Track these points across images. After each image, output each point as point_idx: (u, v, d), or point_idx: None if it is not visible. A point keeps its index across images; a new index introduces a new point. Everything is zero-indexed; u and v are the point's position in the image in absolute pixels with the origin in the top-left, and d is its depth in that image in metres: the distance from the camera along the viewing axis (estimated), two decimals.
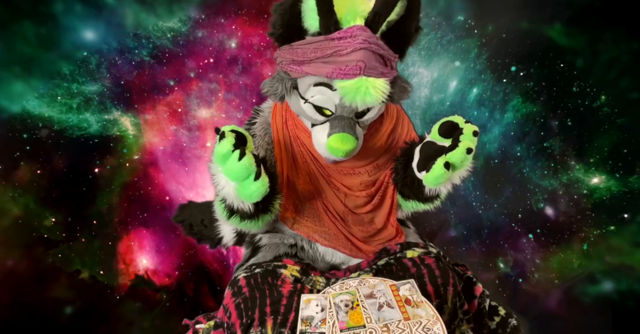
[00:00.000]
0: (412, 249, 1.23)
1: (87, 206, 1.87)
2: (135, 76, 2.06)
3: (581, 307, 1.78)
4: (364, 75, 0.94)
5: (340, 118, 1.01)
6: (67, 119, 1.74)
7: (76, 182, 1.84)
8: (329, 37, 0.96)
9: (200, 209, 1.58)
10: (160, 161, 2.50)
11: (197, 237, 1.60)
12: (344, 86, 0.95)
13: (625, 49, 1.48)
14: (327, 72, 0.96)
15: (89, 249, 1.91)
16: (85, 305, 1.75)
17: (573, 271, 1.81)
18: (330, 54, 0.95)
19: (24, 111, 1.57)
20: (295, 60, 1.01)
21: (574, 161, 1.69)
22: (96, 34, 1.75)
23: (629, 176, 1.61)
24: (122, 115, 1.98)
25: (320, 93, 1.01)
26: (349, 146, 0.99)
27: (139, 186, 2.27)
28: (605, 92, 1.56)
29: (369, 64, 0.94)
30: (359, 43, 0.93)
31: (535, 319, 1.96)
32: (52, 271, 1.75)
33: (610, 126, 1.58)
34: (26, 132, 1.59)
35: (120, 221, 2.14)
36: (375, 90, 0.94)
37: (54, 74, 1.68)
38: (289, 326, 0.97)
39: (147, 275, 2.29)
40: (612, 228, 1.69)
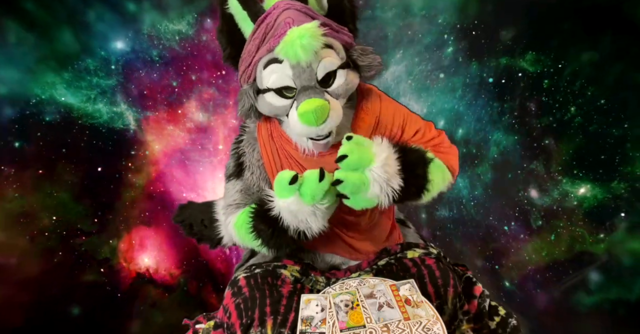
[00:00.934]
0: (412, 250, 1.23)
1: (114, 201, 2.16)
2: (143, 75, 2.25)
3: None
4: (293, 26, 0.94)
5: (303, 90, 0.99)
6: (84, 107, 2.04)
7: (105, 180, 2.12)
8: (258, 22, 0.99)
9: (200, 210, 1.58)
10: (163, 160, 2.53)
11: (197, 237, 1.59)
12: (281, 46, 0.94)
13: (586, 61, 1.62)
14: (267, 48, 0.98)
15: (117, 240, 2.18)
16: (113, 288, 2.05)
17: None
18: (264, 33, 0.98)
19: (51, 97, 1.89)
20: (247, 64, 1.03)
21: (560, 176, 1.81)
22: (117, 36, 2.08)
23: (610, 182, 1.72)
24: (127, 109, 2.20)
25: (272, 72, 0.99)
26: (315, 103, 0.95)
27: (134, 182, 2.34)
28: (573, 104, 1.70)
29: (297, 18, 0.95)
30: (282, 8, 0.96)
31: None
32: (85, 257, 2.03)
33: (584, 135, 1.71)
34: (49, 115, 1.89)
35: (138, 216, 2.34)
36: (308, 31, 0.92)
37: (81, 69, 2.01)
38: (289, 326, 0.97)
39: (148, 273, 2.41)
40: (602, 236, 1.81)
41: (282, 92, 1.01)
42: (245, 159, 1.22)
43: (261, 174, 1.20)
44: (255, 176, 1.21)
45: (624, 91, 1.60)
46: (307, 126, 0.97)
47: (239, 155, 1.24)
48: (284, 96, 1.02)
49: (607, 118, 1.67)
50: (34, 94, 1.84)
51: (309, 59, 0.95)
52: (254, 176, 1.21)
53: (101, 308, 2.05)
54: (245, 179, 1.21)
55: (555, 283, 1.95)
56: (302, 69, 0.96)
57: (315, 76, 0.98)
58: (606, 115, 1.67)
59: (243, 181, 1.22)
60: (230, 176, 1.24)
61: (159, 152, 2.47)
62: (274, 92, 1.01)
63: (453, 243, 2.31)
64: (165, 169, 2.51)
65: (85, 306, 1.94)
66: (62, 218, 2.01)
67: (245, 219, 1.08)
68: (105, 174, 2.22)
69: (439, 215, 2.21)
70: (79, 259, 2.00)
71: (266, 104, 1.05)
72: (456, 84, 1.99)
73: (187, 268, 2.56)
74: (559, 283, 2.01)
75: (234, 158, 1.25)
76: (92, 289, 2.06)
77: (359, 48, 1.05)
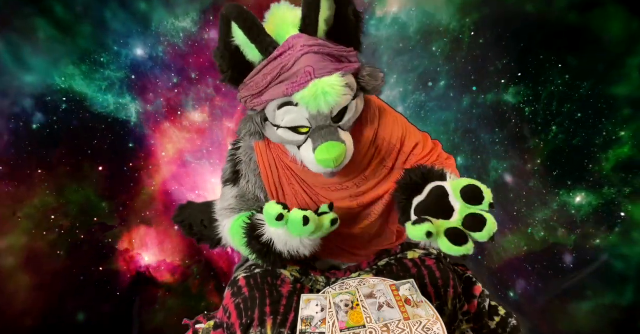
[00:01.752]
0: (413, 250, 1.23)
1: (134, 197, 2.38)
2: (148, 69, 2.42)
3: None
4: (315, 79, 0.91)
5: (318, 129, 0.98)
6: (96, 97, 2.25)
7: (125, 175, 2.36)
8: (270, 58, 0.95)
9: (200, 210, 1.58)
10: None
11: (197, 237, 1.59)
12: (302, 96, 0.92)
13: (559, 83, 1.84)
14: (282, 91, 0.94)
15: (137, 232, 2.39)
16: (133, 276, 2.28)
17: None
18: (278, 73, 0.94)
19: (69, 87, 2.15)
20: (253, 94, 1.00)
21: (557, 189, 2.00)
22: (128, 33, 2.31)
23: (601, 189, 1.91)
24: (131, 102, 2.39)
25: (287, 114, 0.98)
26: (335, 152, 0.96)
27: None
28: (554, 123, 1.91)
29: (317, 66, 0.92)
30: (299, 50, 0.92)
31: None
32: (109, 249, 2.25)
33: (570, 149, 1.91)
34: (66, 103, 2.15)
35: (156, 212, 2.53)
36: (332, 87, 0.91)
37: (97, 62, 2.23)
38: (289, 326, 0.97)
39: (149, 270, 2.52)
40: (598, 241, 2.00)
41: (296, 129, 1.01)
42: (241, 167, 1.22)
43: (257, 182, 1.20)
44: (251, 184, 1.21)
45: (597, 102, 1.81)
46: (324, 168, 0.99)
47: (236, 162, 1.24)
48: (298, 132, 1.01)
49: (587, 130, 1.88)
50: (55, 83, 2.12)
51: (331, 109, 0.96)
52: (250, 184, 1.21)
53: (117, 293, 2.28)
54: (242, 187, 1.22)
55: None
56: (320, 114, 0.96)
57: (330, 115, 0.98)
58: (585, 127, 1.88)
59: (239, 188, 1.22)
60: (227, 181, 1.24)
61: (154, 145, 2.56)
62: (288, 129, 1.01)
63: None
64: (163, 165, 2.55)
65: (108, 288, 2.23)
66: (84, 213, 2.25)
67: (239, 232, 1.08)
68: (103, 165, 2.35)
69: None
70: (102, 249, 2.23)
71: (276, 136, 1.05)
72: (449, 117, 2.20)
73: (190, 267, 2.63)
74: (556, 286, 2.14)
75: (230, 164, 1.24)
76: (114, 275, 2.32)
77: (366, 74, 1.02)
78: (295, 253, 1.02)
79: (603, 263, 2.14)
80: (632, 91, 1.74)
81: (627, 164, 1.82)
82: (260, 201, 1.22)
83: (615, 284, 1.99)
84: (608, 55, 1.76)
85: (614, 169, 1.89)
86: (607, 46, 1.75)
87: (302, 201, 1.19)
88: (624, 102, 1.75)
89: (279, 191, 1.19)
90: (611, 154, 1.84)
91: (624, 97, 1.75)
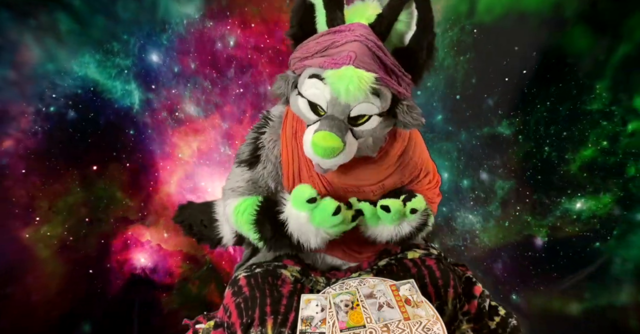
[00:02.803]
0: (413, 250, 1.23)
1: (154, 194, 2.59)
2: (152, 57, 2.56)
3: None
4: (352, 65, 0.90)
5: (330, 118, 0.97)
6: (106, 83, 2.42)
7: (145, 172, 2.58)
8: (330, 30, 0.96)
9: (200, 210, 1.58)
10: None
11: (197, 237, 1.59)
12: (331, 74, 0.91)
13: (543, 109, 2.19)
14: (320, 62, 0.95)
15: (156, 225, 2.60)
16: (154, 265, 2.51)
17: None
18: (327, 46, 0.95)
19: (85, 75, 2.33)
20: (300, 56, 1.00)
21: (558, 198, 2.26)
22: (137, 22, 2.47)
23: (598, 195, 2.19)
24: (136, 88, 2.53)
25: (313, 86, 0.97)
26: (330, 143, 0.94)
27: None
28: (545, 144, 2.24)
29: (360, 57, 0.91)
30: (356, 35, 0.92)
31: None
32: (131, 240, 2.48)
33: (564, 163, 2.20)
34: (80, 89, 2.33)
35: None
36: (359, 80, 0.89)
37: (109, 50, 2.39)
38: (289, 326, 0.97)
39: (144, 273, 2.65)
40: (597, 244, 2.23)
41: (315, 106, 1.00)
42: (263, 152, 1.20)
43: (272, 171, 1.19)
44: (267, 171, 1.19)
45: (577, 120, 2.13)
46: (314, 153, 0.97)
47: (257, 146, 1.21)
48: (315, 110, 1.00)
49: (574, 145, 2.16)
50: (74, 71, 2.30)
51: (348, 101, 0.94)
52: (265, 172, 1.19)
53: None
54: (256, 172, 1.20)
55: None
56: (339, 102, 0.95)
57: (349, 113, 0.96)
58: (573, 143, 2.17)
59: (254, 173, 1.20)
60: (242, 162, 1.21)
61: (151, 134, 2.65)
62: (307, 102, 1.00)
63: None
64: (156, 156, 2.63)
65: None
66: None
67: (250, 210, 1.09)
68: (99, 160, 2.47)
69: (450, 244, 2.58)
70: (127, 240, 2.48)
71: (295, 104, 1.04)
72: (450, 147, 2.45)
73: (190, 266, 2.72)
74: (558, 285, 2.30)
75: (251, 146, 1.22)
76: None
77: (406, 104, 1.00)
78: (303, 241, 1.04)
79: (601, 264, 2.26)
80: (603, 106, 2.09)
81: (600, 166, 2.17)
82: (269, 190, 1.20)
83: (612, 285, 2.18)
84: (580, 80, 2.09)
85: (604, 177, 2.18)
86: (578, 72, 2.08)
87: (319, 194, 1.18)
88: (598, 115, 2.09)
89: (296, 183, 1.17)
90: (600, 162, 2.16)
91: (597, 111, 2.09)
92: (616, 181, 2.15)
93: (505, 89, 2.22)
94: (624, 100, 2.02)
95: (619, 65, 2.00)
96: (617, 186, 2.15)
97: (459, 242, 2.53)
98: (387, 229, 1.13)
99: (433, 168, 1.29)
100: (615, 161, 2.06)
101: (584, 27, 2.00)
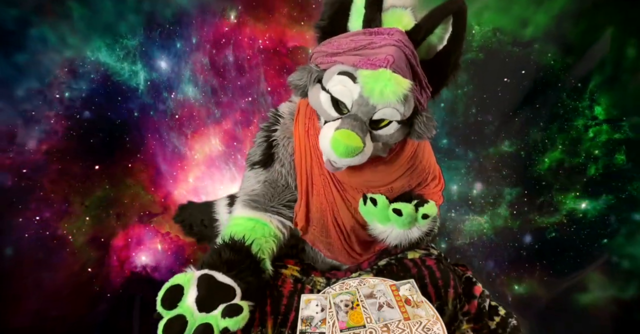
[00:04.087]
0: (413, 250, 1.23)
1: (173, 190, 2.74)
2: (155, 36, 2.59)
3: None
4: (389, 69, 0.90)
5: (353, 117, 0.96)
6: (115, 66, 2.47)
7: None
8: (367, 30, 0.96)
9: (200, 210, 1.58)
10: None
11: (197, 237, 1.60)
12: (366, 74, 0.91)
13: (537, 129, 2.51)
14: (354, 61, 0.94)
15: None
16: (173, 253, 2.68)
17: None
18: (364, 46, 0.94)
19: (96, 58, 2.40)
20: (329, 52, 1.00)
21: (564, 200, 2.50)
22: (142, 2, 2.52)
23: (600, 196, 2.41)
24: (142, 68, 2.58)
25: (341, 83, 0.96)
26: (352, 142, 0.93)
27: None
28: (545, 156, 2.51)
29: (397, 62, 0.91)
30: (395, 40, 0.92)
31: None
32: (152, 232, 2.66)
33: (563, 171, 2.48)
34: (93, 73, 2.39)
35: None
36: (396, 85, 0.90)
37: (118, 32, 2.45)
38: (289, 326, 0.97)
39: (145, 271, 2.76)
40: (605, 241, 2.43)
41: (338, 104, 0.99)
42: (277, 150, 1.18)
43: (291, 168, 1.18)
44: (285, 169, 1.18)
45: (568, 134, 2.44)
46: (331, 150, 0.96)
47: (270, 144, 1.19)
48: (336, 106, 1.00)
49: (569, 155, 2.46)
50: (86, 56, 2.37)
51: (379, 103, 0.94)
52: (284, 169, 1.18)
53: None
54: (274, 171, 1.18)
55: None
56: (367, 103, 0.94)
57: (372, 115, 0.97)
58: (569, 153, 2.45)
59: (270, 173, 1.19)
60: (255, 164, 1.20)
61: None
62: (330, 98, 0.99)
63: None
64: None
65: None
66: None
67: (227, 232, 1.10)
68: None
69: (459, 244, 2.75)
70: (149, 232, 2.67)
71: (316, 98, 1.02)
72: (459, 164, 2.67)
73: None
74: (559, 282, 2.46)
75: (262, 146, 1.20)
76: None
77: (425, 115, 1.02)
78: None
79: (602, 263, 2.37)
80: (587, 121, 2.40)
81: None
82: (289, 189, 1.19)
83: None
84: (564, 102, 2.41)
85: (604, 181, 2.41)
86: (561, 95, 2.41)
87: (328, 192, 1.17)
88: (584, 129, 2.42)
89: (309, 180, 1.17)
90: (596, 168, 2.44)
91: (583, 126, 2.41)
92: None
93: (502, 114, 2.56)
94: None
95: (593, 85, 2.35)
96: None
97: (465, 241, 2.72)
98: (396, 231, 1.13)
99: (439, 172, 1.29)
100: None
101: (554, 50, 2.37)
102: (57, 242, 2.27)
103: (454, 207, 2.66)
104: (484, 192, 2.65)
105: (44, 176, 2.26)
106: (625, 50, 2.22)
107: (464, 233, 2.69)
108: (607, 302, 2.29)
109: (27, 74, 2.18)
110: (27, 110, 2.19)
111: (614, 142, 2.34)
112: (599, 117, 2.36)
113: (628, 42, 2.20)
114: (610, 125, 2.32)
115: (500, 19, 2.45)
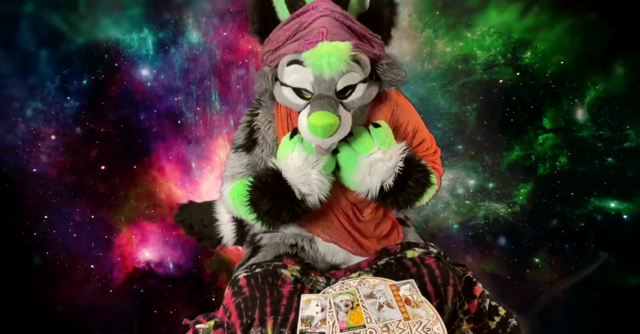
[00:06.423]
0: (412, 249, 1.22)
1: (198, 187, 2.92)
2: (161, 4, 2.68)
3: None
4: (326, 40, 0.92)
5: (319, 98, 0.98)
6: (125, 39, 2.60)
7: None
8: (294, 14, 0.98)
9: (200, 209, 1.58)
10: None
11: (198, 237, 1.60)
12: (309, 55, 0.93)
13: (534, 135, 2.81)
14: (294, 47, 0.96)
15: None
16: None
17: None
18: (296, 29, 0.97)
19: (107, 36, 2.55)
20: (272, 49, 1.02)
21: (587, 197, 2.72)
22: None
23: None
24: (148, 33, 2.68)
25: (294, 73, 0.99)
26: (326, 121, 0.93)
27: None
28: (547, 157, 2.79)
29: (331, 30, 0.93)
30: (320, 12, 0.94)
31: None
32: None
33: (573, 176, 2.73)
34: (107, 52, 2.55)
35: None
36: (338, 51, 0.91)
37: (121, 6, 2.55)
38: (289, 326, 0.97)
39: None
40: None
41: (300, 91, 1.01)
42: (259, 135, 1.21)
43: (270, 153, 1.20)
44: (265, 153, 1.20)
45: (564, 136, 2.73)
46: (313, 135, 0.97)
47: (253, 129, 1.23)
48: (301, 95, 1.02)
49: (573, 158, 2.72)
50: (98, 37, 2.51)
51: (333, 75, 0.95)
52: (264, 154, 1.20)
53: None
54: (254, 155, 1.21)
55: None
56: (324, 79, 0.96)
57: (335, 87, 0.98)
58: (573, 160, 2.73)
59: (252, 156, 1.21)
60: (239, 147, 1.23)
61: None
62: (292, 90, 1.02)
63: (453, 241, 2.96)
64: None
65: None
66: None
67: (242, 191, 1.09)
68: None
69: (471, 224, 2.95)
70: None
71: (282, 96, 1.05)
72: (476, 162, 2.88)
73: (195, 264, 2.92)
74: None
75: (247, 130, 1.23)
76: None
77: (385, 62, 1.03)
78: (305, 192, 1.04)
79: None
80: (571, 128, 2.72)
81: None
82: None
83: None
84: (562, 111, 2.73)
85: (618, 183, 2.64)
86: (562, 102, 2.69)
87: None
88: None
89: None
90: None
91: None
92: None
93: (507, 123, 2.81)
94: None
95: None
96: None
97: (480, 221, 2.91)
98: (377, 168, 1.07)
99: (430, 138, 1.28)
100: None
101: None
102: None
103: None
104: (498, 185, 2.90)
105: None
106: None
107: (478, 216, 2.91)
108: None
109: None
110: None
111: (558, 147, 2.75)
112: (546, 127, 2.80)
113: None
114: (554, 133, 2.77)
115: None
